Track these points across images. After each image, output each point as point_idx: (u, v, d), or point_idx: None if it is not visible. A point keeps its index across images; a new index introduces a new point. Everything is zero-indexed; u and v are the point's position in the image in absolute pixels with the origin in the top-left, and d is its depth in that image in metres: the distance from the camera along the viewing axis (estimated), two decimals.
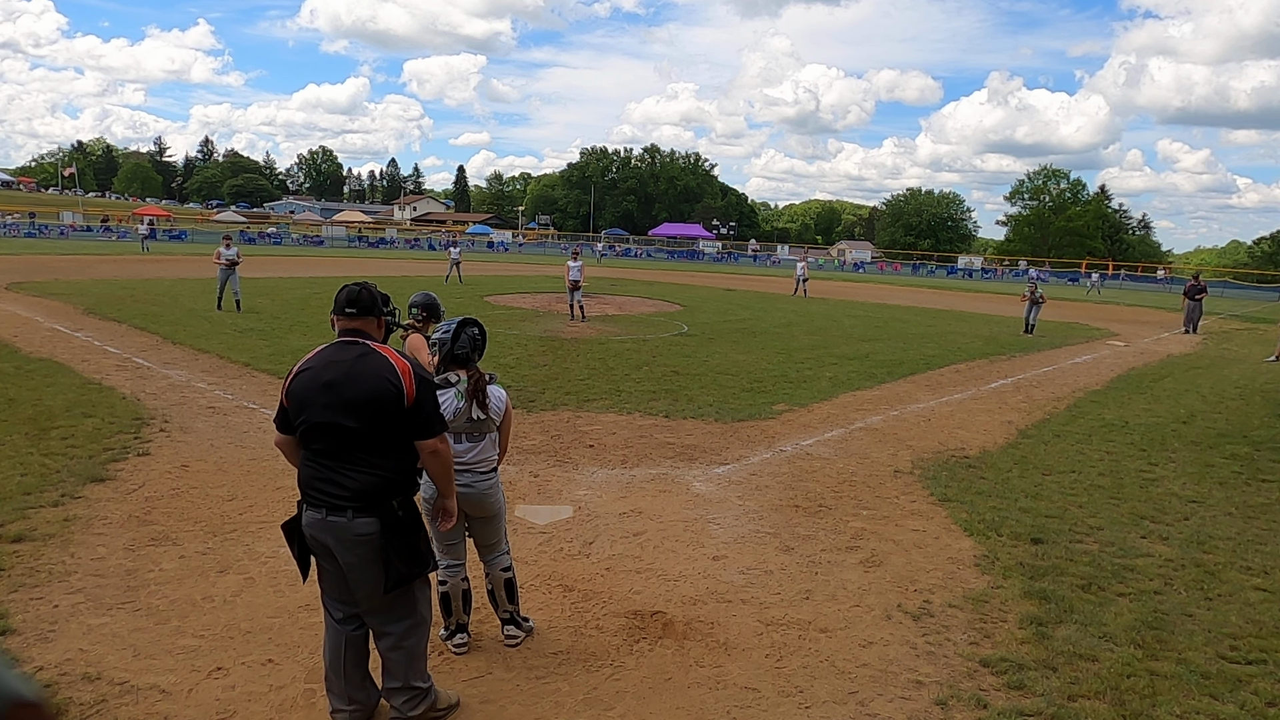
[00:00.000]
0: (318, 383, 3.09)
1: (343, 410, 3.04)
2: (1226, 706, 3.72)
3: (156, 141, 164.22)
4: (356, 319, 3.20)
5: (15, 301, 16.59)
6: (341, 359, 3.12)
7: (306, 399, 3.11)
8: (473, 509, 3.92)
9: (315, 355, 3.20)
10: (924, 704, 3.68)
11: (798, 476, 7.08)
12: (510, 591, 4.09)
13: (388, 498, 3.11)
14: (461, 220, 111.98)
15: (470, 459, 3.88)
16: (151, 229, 49.95)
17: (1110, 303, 37.44)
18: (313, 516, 3.13)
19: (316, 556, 3.25)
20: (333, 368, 3.11)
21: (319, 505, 3.11)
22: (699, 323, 19.06)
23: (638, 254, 71.62)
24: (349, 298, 3.20)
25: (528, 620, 4.22)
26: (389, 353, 3.15)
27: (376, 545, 3.08)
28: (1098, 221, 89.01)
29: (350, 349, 3.15)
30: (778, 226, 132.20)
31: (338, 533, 3.09)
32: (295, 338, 13.43)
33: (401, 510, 3.15)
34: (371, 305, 3.22)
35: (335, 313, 3.26)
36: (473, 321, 4.00)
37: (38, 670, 3.58)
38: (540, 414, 8.82)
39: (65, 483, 5.92)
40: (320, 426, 3.08)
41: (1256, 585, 5.11)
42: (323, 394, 3.07)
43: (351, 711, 3.32)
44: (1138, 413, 10.59)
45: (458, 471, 3.71)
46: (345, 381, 3.06)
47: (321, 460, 3.12)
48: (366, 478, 3.07)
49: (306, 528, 3.17)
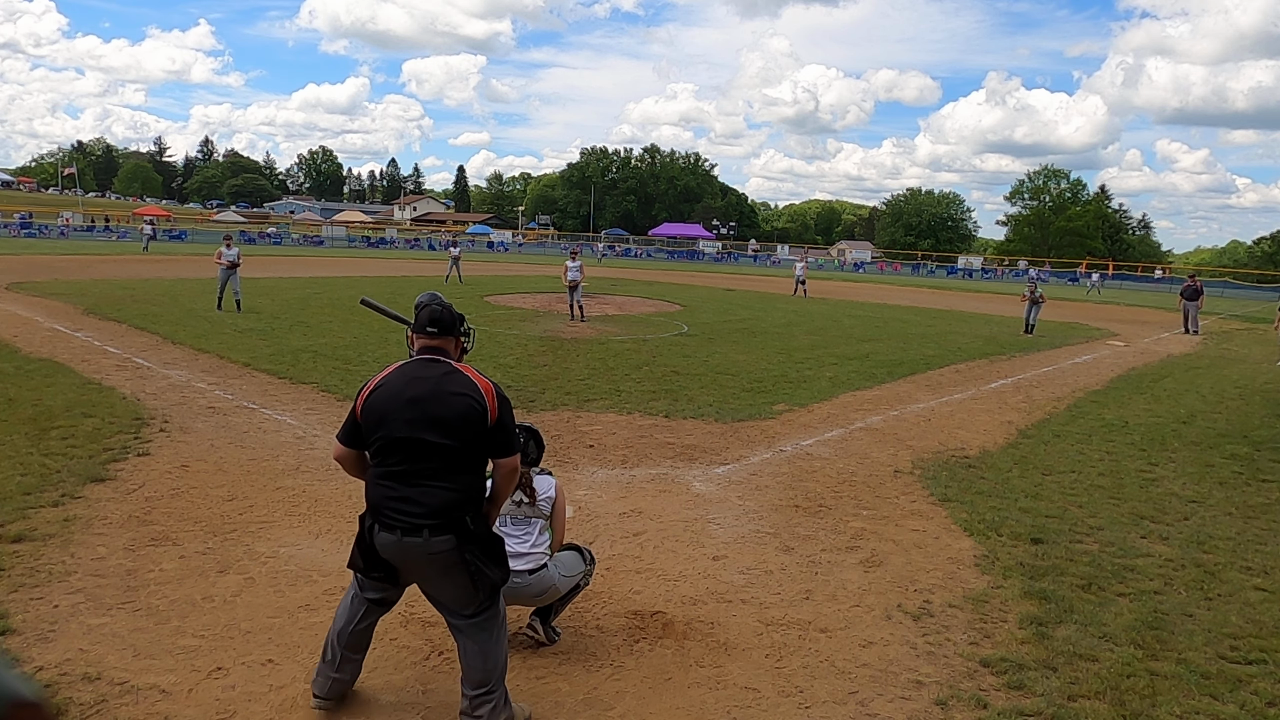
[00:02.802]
0: (401, 398, 3.12)
1: (428, 426, 3.08)
2: (1226, 706, 3.72)
3: (157, 141, 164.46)
4: (438, 338, 3.25)
5: (15, 301, 16.58)
6: (426, 375, 3.16)
7: (388, 414, 3.12)
8: (521, 601, 3.94)
9: (395, 371, 3.23)
10: (924, 704, 3.68)
11: (798, 476, 7.08)
12: (561, 600, 4.08)
13: (462, 514, 3.15)
14: (461, 220, 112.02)
15: (518, 547, 3.88)
16: (154, 230, 49.97)
17: (1110, 303, 37.44)
18: (387, 539, 3.15)
19: (385, 569, 3.27)
20: (417, 384, 3.14)
21: (393, 528, 3.12)
22: (699, 323, 19.06)
23: (638, 254, 71.65)
24: (432, 318, 3.25)
25: (557, 631, 4.17)
26: (471, 372, 3.21)
27: (456, 558, 3.13)
28: (1098, 221, 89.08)
29: (434, 366, 3.20)
30: (777, 226, 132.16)
31: (414, 553, 3.13)
32: (295, 338, 13.43)
33: (475, 524, 3.18)
34: (451, 325, 3.29)
35: (416, 330, 3.30)
36: (519, 428, 4.02)
37: (38, 670, 3.58)
38: (540, 414, 8.82)
39: (65, 483, 5.92)
40: (401, 441, 3.11)
41: (1256, 585, 5.11)
42: (407, 409, 3.10)
43: (335, 681, 3.40)
44: (1138, 413, 10.59)
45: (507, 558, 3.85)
46: (431, 398, 3.10)
47: (397, 478, 3.14)
48: (444, 494, 3.11)
49: (381, 549, 3.19)
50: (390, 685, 3.67)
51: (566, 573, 4.00)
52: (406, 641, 4.03)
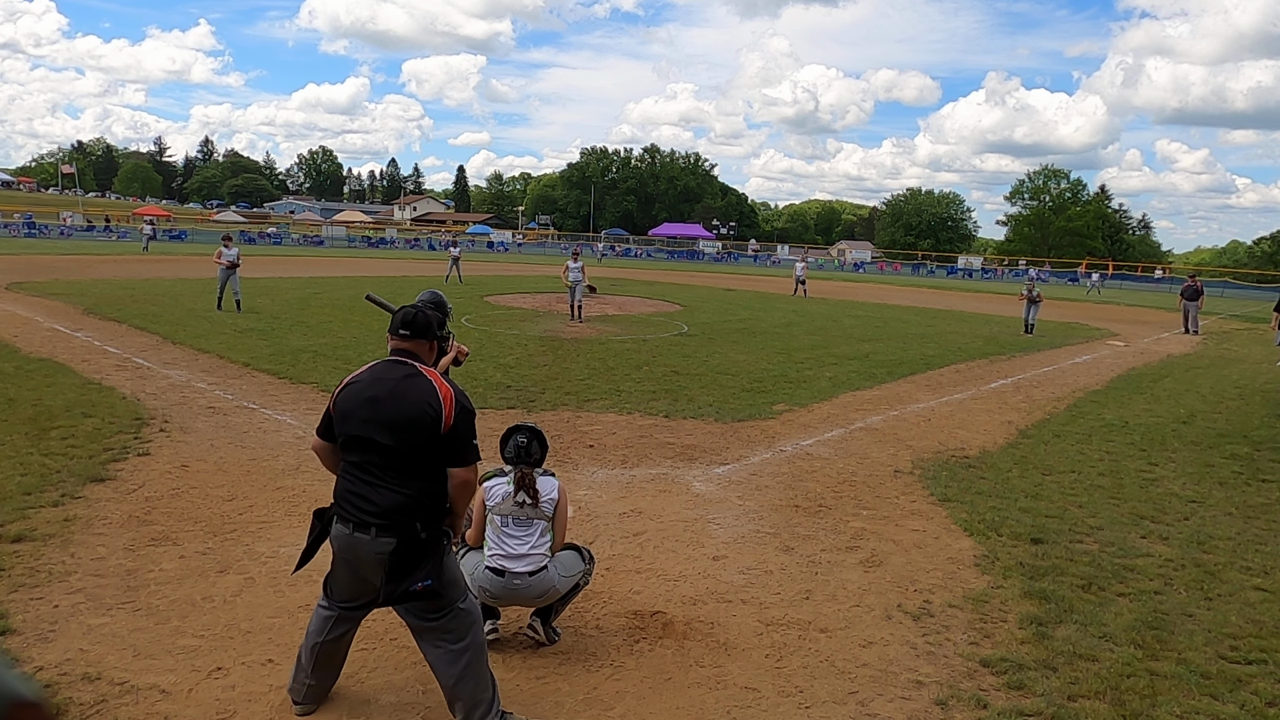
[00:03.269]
0: (361, 397, 3.19)
1: (380, 427, 3.14)
2: (1226, 706, 3.72)
3: (157, 141, 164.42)
4: (409, 340, 3.28)
5: (15, 301, 16.58)
6: (388, 377, 3.21)
7: (349, 411, 3.21)
8: (521, 602, 3.97)
9: (366, 370, 3.31)
10: (924, 704, 3.68)
11: (798, 476, 7.08)
12: (561, 600, 4.09)
13: (412, 519, 3.16)
14: (461, 220, 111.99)
15: (519, 548, 3.90)
16: (154, 230, 49.94)
17: (1110, 303, 37.44)
18: (340, 531, 3.24)
19: (339, 562, 3.35)
20: (378, 384, 3.20)
21: (347, 520, 3.20)
22: (699, 323, 19.06)
23: (638, 254, 71.63)
24: (404, 320, 3.28)
25: (558, 632, 4.18)
26: (434, 377, 3.22)
27: (386, 560, 3.16)
28: (1098, 221, 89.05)
29: (398, 368, 3.23)
30: (777, 226, 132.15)
31: (360, 549, 3.19)
32: (295, 338, 13.43)
33: (425, 532, 3.19)
34: (426, 329, 3.30)
35: (390, 332, 3.33)
36: (522, 429, 4.07)
37: (38, 670, 3.58)
38: (540, 414, 8.82)
39: (65, 483, 5.92)
40: (357, 439, 3.20)
41: (1256, 585, 5.11)
42: (364, 408, 3.17)
43: (310, 688, 3.41)
44: (1138, 413, 10.59)
45: (507, 559, 3.89)
46: (387, 399, 3.15)
47: (356, 473, 3.22)
48: (394, 496, 3.15)
49: (334, 539, 3.27)
50: (390, 685, 3.68)
51: (566, 573, 4.01)
52: (406, 641, 4.02)
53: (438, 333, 3.37)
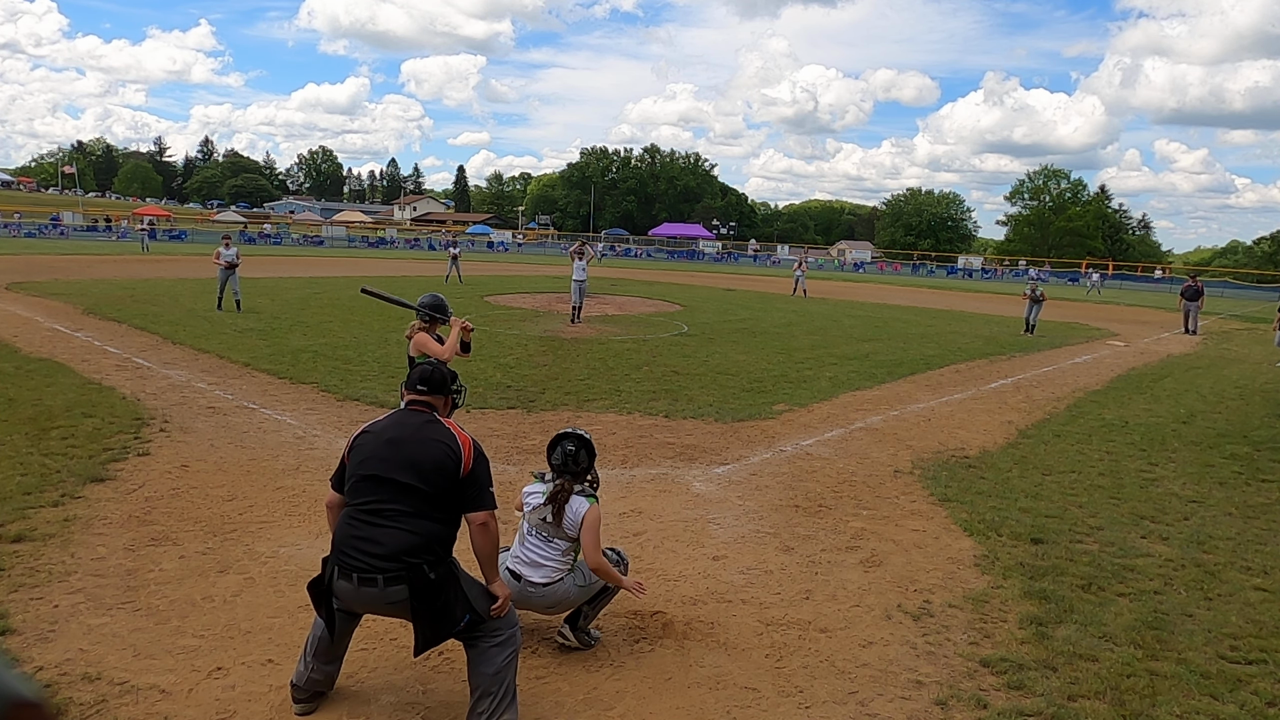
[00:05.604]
0: (382, 439, 3.34)
1: (402, 466, 3.24)
2: (1226, 706, 3.72)
3: (157, 141, 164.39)
4: (426, 395, 3.49)
5: (15, 301, 16.59)
6: (408, 422, 3.39)
7: (368, 454, 3.32)
8: (531, 608, 3.96)
9: (383, 419, 3.48)
10: (924, 704, 3.68)
11: (798, 476, 7.08)
12: (590, 604, 4.05)
13: (419, 560, 3.17)
14: (461, 220, 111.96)
15: (536, 556, 3.91)
16: (151, 228, 49.93)
17: (1110, 303, 37.45)
18: (344, 586, 3.23)
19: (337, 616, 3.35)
20: (399, 428, 3.37)
21: (349, 571, 3.19)
22: (699, 323, 19.05)
23: (638, 254, 71.64)
24: (422, 377, 3.51)
25: (592, 635, 4.11)
26: (452, 425, 3.41)
27: (409, 609, 3.20)
28: (1098, 221, 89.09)
29: (417, 415, 3.43)
30: (777, 227, 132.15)
31: (370, 601, 3.22)
32: (295, 338, 13.43)
33: (433, 573, 3.20)
34: (441, 385, 3.53)
35: (407, 387, 3.57)
36: (570, 436, 4.05)
37: (38, 670, 3.58)
38: (540, 414, 8.82)
39: (65, 483, 5.92)
40: (373, 479, 3.26)
41: (1256, 585, 5.11)
42: (385, 449, 3.29)
43: (311, 679, 3.42)
44: (1138, 413, 10.59)
45: (525, 566, 3.92)
46: (410, 441, 3.30)
47: (363, 517, 3.24)
48: (404, 537, 3.17)
49: (338, 594, 3.26)
50: (390, 685, 3.68)
51: (583, 583, 3.98)
52: (406, 641, 4.02)
53: (450, 388, 3.61)
